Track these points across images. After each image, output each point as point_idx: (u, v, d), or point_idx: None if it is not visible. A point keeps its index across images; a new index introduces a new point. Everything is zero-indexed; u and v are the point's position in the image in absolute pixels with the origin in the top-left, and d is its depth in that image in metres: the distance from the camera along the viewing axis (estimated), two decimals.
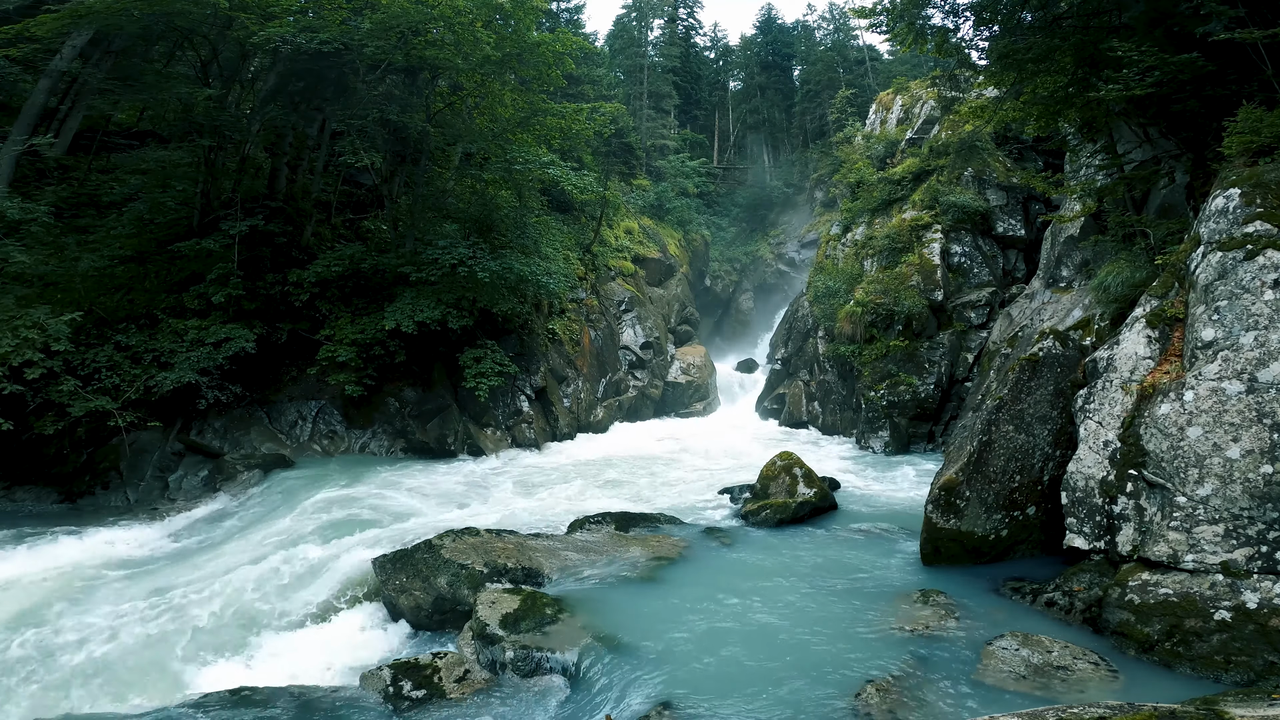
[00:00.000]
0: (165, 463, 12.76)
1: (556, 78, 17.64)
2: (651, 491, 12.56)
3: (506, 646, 5.96)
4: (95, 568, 8.98)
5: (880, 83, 38.69)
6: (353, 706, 5.55)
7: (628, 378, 23.37)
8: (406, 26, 14.37)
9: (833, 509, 10.42)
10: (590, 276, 23.37)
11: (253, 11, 13.45)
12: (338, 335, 14.44)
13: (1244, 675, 5.10)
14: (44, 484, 11.87)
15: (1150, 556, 5.99)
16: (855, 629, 6.14)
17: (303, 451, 14.15)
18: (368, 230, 17.58)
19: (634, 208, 31.64)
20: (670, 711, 4.83)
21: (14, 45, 12.33)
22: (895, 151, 23.22)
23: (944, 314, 17.55)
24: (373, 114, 15.64)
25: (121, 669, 6.50)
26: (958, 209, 18.21)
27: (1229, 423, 5.80)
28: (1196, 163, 9.34)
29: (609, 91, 35.00)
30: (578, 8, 39.73)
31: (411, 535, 9.04)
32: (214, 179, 14.83)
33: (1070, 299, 13.67)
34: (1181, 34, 8.39)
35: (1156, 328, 6.96)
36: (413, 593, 7.30)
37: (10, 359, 10.34)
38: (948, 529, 7.51)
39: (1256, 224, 6.23)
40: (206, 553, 9.45)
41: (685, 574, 7.61)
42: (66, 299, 12.09)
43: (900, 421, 16.60)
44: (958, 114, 19.72)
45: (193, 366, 12.50)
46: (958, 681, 5.18)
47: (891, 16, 11.46)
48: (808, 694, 5.03)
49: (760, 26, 51.56)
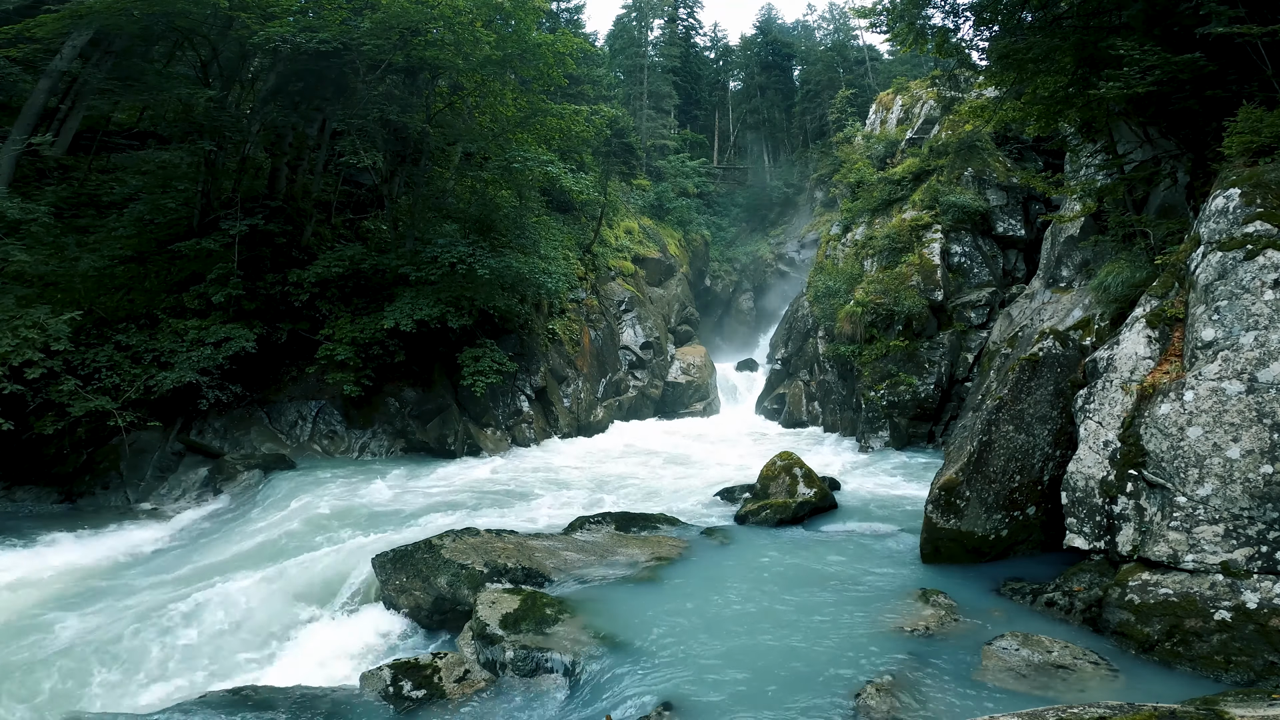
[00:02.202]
0: (165, 463, 12.76)
1: (558, 77, 17.65)
2: (651, 491, 12.56)
3: (506, 646, 5.95)
4: (94, 568, 8.99)
5: (880, 83, 38.68)
6: (353, 706, 5.54)
7: (628, 378, 23.37)
8: (406, 26, 14.37)
9: (833, 509, 10.42)
10: (590, 276, 23.37)
11: (253, 11, 13.46)
12: (337, 335, 14.44)
13: (1244, 675, 5.09)
14: (44, 484, 11.87)
15: (1150, 556, 5.99)
16: (855, 629, 6.13)
17: (303, 451, 14.15)
18: (368, 230, 17.59)
19: (634, 208, 31.64)
20: (670, 712, 4.83)
21: (14, 45, 12.34)
22: (895, 151, 23.21)
23: (944, 314, 17.55)
24: (373, 114, 15.65)
25: (120, 669, 6.50)
26: (958, 209, 18.20)
27: (1229, 423, 5.80)
28: (1196, 163, 9.34)
29: (609, 91, 35.01)
30: (578, 8, 39.74)
31: (411, 535, 9.03)
32: (214, 179, 14.83)
33: (1070, 299, 13.67)
34: (1181, 33, 8.39)
35: (1156, 328, 6.96)
36: (413, 592, 7.30)
37: (10, 359, 10.34)
38: (948, 529, 7.51)
39: (1256, 224, 6.23)
40: (206, 553, 9.45)
41: (685, 574, 7.61)
42: (66, 299, 12.09)
43: (900, 421, 16.60)
44: (958, 114, 19.73)
45: (193, 366, 12.50)
46: (958, 681, 5.17)
47: (892, 17, 11.47)
48: (808, 694, 5.02)
49: (760, 26, 51.59)
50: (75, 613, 7.45)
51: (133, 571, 8.88)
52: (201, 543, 10.09)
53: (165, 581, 8.37)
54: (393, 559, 7.64)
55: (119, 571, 8.89)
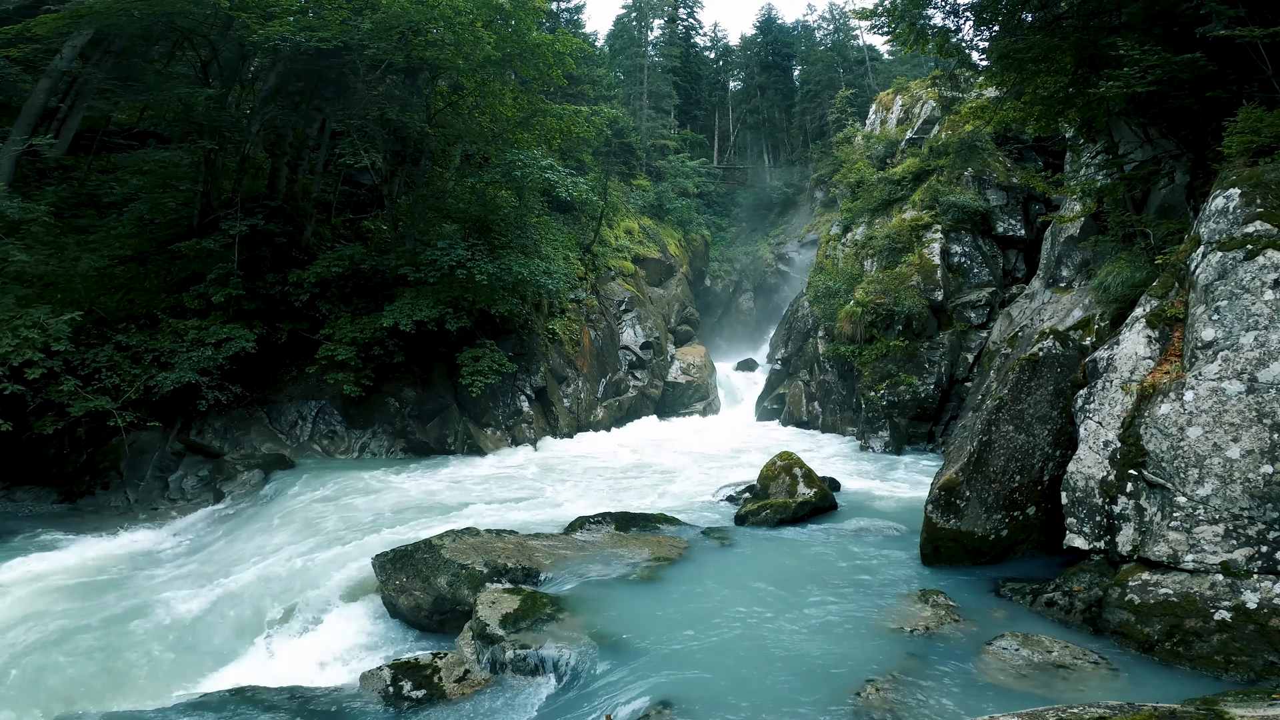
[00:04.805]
0: (165, 463, 12.76)
1: (557, 78, 17.64)
2: (651, 491, 12.56)
3: (506, 646, 5.95)
4: (94, 568, 8.99)
5: (880, 83, 38.69)
6: (352, 706, 5.54)
7: (628, 378, 23.37)
8: (407, 26, 14.37)
9: (833, 509, 10.42)
10: (590, 276, 23.37)
11: (253, 11, 13.45)
12: (337, 335, 14.44)
13: (1244, 675, 5.09)
14: (44, 484, 11.87)
15: (1150, 556, 5.99)
16: (855, 628, 6.13)
17: (303, 452, 14.15)
18: (368, 230, 17.58)
19: (634, 208, 31.64)
20: (670, 711, 4.83)
21: (14, 45, 12.34)
22: (895, 151, 23.21)
23: (944, 314, 17.55)
24: (373, 114, 15.64)
25: (121, 669, 6.50)
26: (958, 209, 18.21)
27: (1229, 423, 5.80)
28: (1196, 163, 9.34)
29: (609, 92, 34.98)
30: (578, 8, 39.75)
31: (411, 535, 9.03)
32: (214, 179, 14.83)
33: (1070, 299, 13.67)
34: (1181, 33, 8.39)
35: (1156, 328, 6.96)
36: (413, 592, 7.30)
37: (10, 359, 10.34)
38: (948, 529, 7.51)
39: (1256, 224, 6.23)
40: (206, 553, 9.45)
41: (685, 574, 7.61)
42: (66, 299, 12.09)
43: (900, 421, 16.60)
44: (958, 114, 19.73)
45: (193, 366, 12.50)
46: (958, 681, 5.17)
47: (892, 17, 11.45)
48: (807, 693, 5.02)
49: (760, 26, 51.62)
50: (74, 612, 7.45)
51: (132, 571, 8.88)
52: (201, 542, 10.09)
53: (165, 581, 8.38)
54: (393, 559, 7.64)
55: (119, 571, 8.89)
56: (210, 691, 5.87)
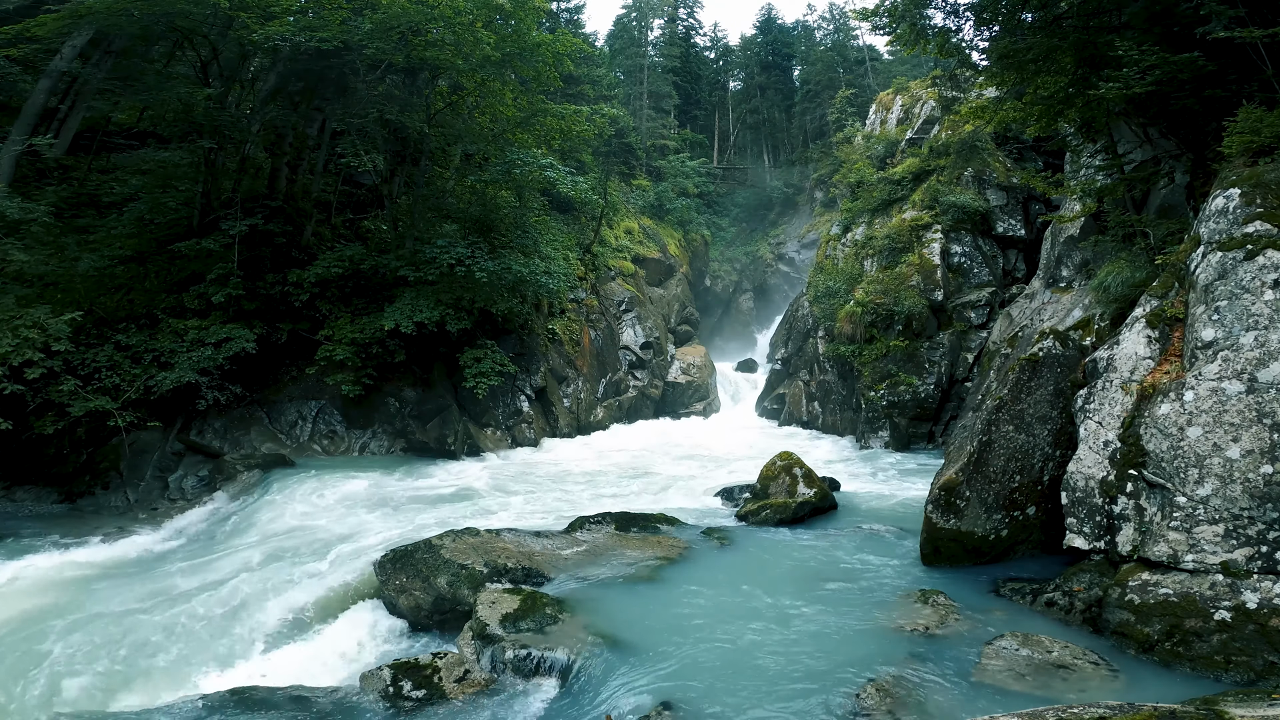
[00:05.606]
0: (165, 463, 12.76)
1: (555, 79, 17.63)
2: (651, 491, 12.56)
3: (506, 646, 5.95)
4: (94, 568, 8.98)
5: (880, 83, 38.68)
6: (352, 706, 5.54)
7: (628, 378, 23.37)
8: (407, 26, 14.37)
9: (833, 509, 10.42)
10: (590, 276, 23.37)
11: (253, 11, 13.44)
12: (337, 335, 14.44)
13: (1244, 675, 5.10)
14: (44, 484, 11.86)
15: (1150, 556, 5.99)
16: (855, 629, 6.14)
17: (303, 452, 14.15)
18: (368, 230, 17.58)
19: (634, 208, 31.63)
20: (670, 711, 4.83)
21: (14, 45, 12.33)
22: (895, 151, 23.21)
23: (944, 314, 17.55)
24: (373, 114, 15.63)
25: (121, 669, 6.50)
26: (958, 209, 18.20)
27: (1229, 423, 5.80)
28: (1196, 163, 9.34)
29: (609, 92, 34.99)
30: (578, 8, 39.73)
31: (411, 535, 9.03)
32: (214, 179, 14.82)
33: (1070, 299, 13.67)
34: (1181, 33, 8.39)
35: (1156, 328, 6.96)
36: (413, 593, 7.30)
37: (10, 359, 10.33)
38: (948, 529, 7.51)
39: (1256, 224, 6.23)
40: (206, 553, 9.45)
41: (685, 574, 7.61)
42: (66, 299, 12.08)
43: (900, 421, 16.60)
44: (958, 114, 19.71)
45: (193, 366, 12.50)
46: (958, 681, 5.18)
47: (893, 17, 11.46)
48: (808, 694, 5.03)
49: (760, 26, 51.62)
50: (74, 612, 7.44)
51: (132, 571, 8.88)
52: (201, 543, 10.09)
53: (165, 581, 8.37)
54: (392, 559, 7.64)
55: (119, 571, 8.88)
56: (210, 692, 5.87)
